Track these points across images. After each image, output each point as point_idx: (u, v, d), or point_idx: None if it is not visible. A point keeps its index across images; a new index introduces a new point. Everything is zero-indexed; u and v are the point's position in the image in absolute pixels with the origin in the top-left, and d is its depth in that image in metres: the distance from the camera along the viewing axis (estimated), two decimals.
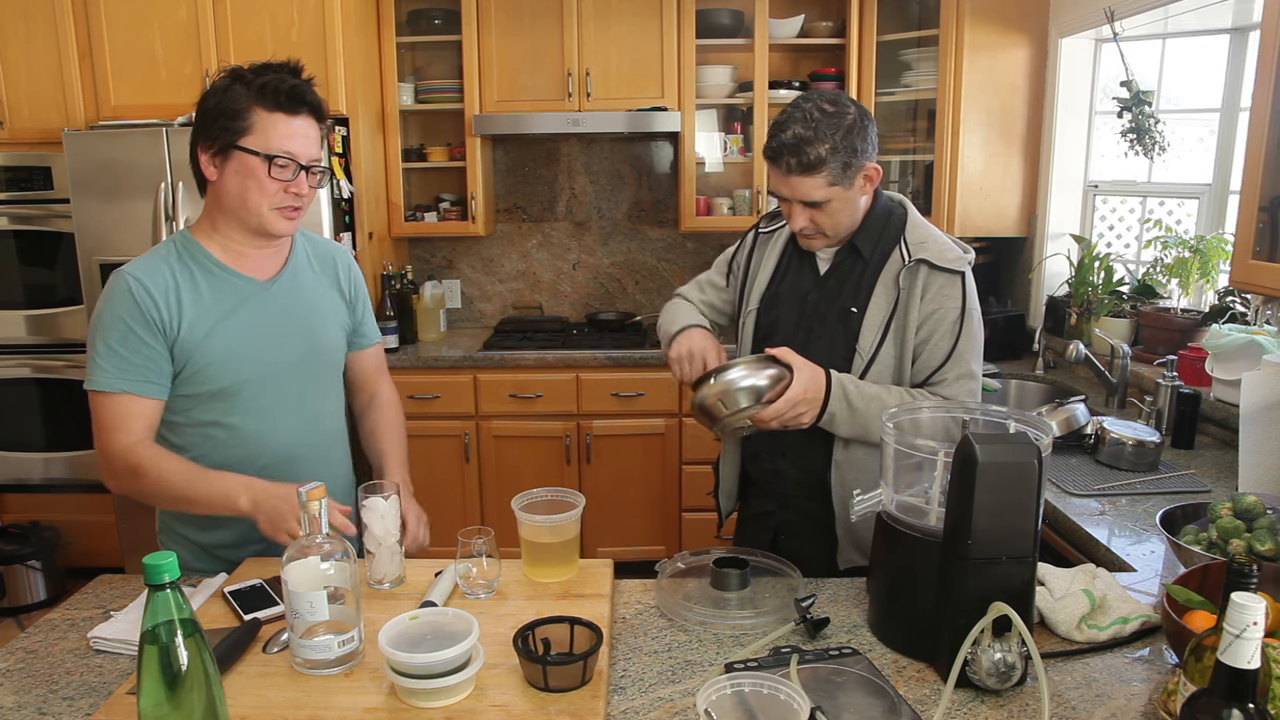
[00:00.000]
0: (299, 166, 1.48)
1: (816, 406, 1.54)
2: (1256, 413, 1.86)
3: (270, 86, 1.45)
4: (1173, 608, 1.20)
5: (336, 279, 1.71)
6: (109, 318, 1.46)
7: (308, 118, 1.49)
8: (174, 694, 0.92)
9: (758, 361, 1.54)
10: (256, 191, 1.47)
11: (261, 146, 1.45)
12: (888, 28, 3.53)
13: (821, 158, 1.50)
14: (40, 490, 3.56)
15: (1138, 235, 3.22)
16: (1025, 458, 1.15)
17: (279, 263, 1.61)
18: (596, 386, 3.44)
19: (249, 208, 1.49)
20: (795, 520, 1.75)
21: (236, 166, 1.46)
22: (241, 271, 1.55)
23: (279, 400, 1.58)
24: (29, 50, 3.24)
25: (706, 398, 1.54)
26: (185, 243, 1.54)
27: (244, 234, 1.54)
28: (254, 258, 1.57)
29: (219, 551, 1.60)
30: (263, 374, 1.56)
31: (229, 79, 1.47)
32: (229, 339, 1.52)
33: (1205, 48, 2.88)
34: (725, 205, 3.79)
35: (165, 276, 1.49)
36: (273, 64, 1.48)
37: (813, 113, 1.51)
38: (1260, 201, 1.89)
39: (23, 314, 3.42)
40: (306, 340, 1.62)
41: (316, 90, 1.51)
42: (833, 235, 1.62)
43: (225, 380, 1.52)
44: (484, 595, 1.41)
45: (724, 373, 1.53)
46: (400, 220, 3.68)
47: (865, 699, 1.15)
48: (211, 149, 1.47)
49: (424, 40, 3.67)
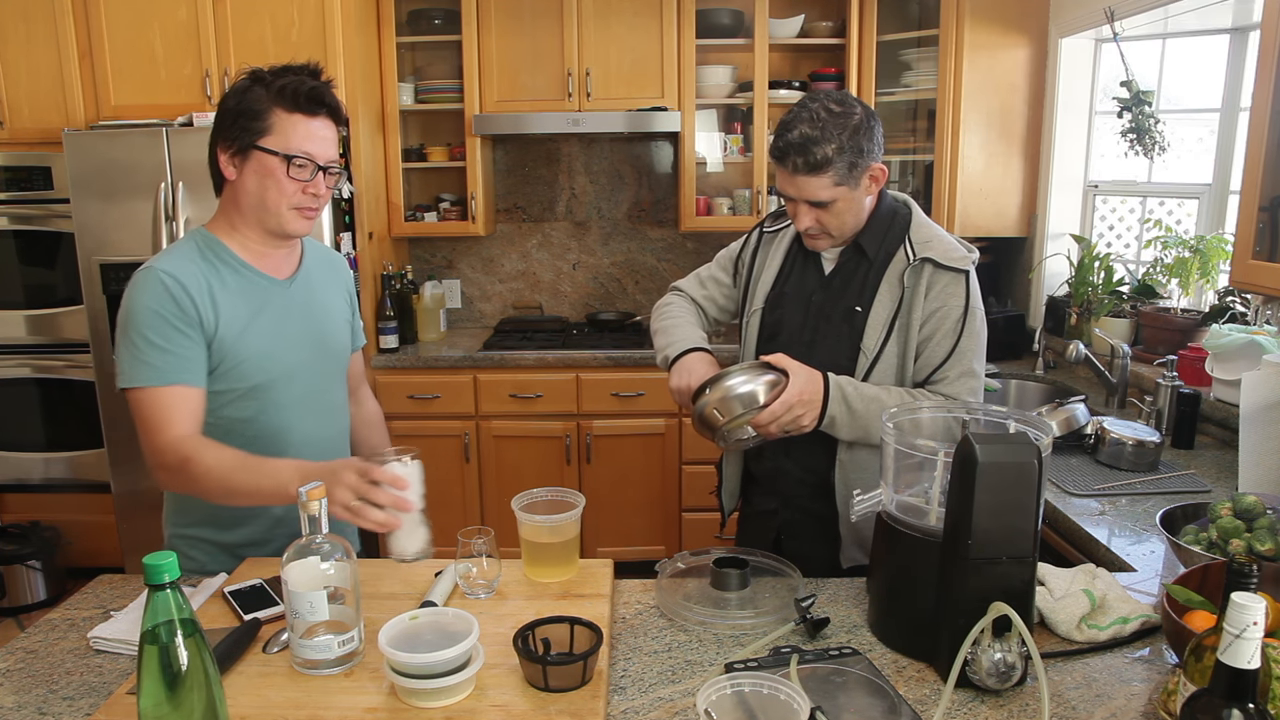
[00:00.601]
0: (316, 167, 1.50)
1: (815, 410, 1.53)
2: (1256, 413, 1.86)
3: (290, 88, 1.46)
4: (1173, 608, 1.20)
5: (340, 281, 1.76)
6: (143, 313, 1.44)
7: (326, 119, 1.51)
8: (174, 694, 0.92)
9: (753, 368, 1.55)
10: (275, 191, 1.49)
11: (281, 147, 1.47)
12: (888, 28, 3.53)
13: (828, 158, 1.50)
14: (40, 490, 3.56)
15: (1138, 235, 3.22)
16: (1025, 458, 1.15)
17: (294, 263, 1.64)
18: (596, 386, 3.45)
19: (268, 207, 1.50)
20: (798, 519, 1.75)
21: (255, 166, 1.48)
22: (262, 270, 1.58)
23: (300, 398, 1.61)
24: (29, 50, 3.24)
25: (704, 407, 1.54)
26: (208, 241, 1.55)
27: (261, 234, 1.56)
28: (272, 257, 1.59)
29: (243, 550, 1.60)
30: (287, 372, 1.58)
31: (249, 80, 1.49)
32: (260, 337, 1.54)
33: (1205, 48, 2.88)
34: (725, 205, 3.79)
35: (196, 273, 1.49)
36: (292, 66, 1.50)
37: (819, 113, 1.51)
38: (1260, 201, 1.89)
39: (23, 314, 3.42)
40: (321, 339, 1.66)
41: (335, 92, 1.53)
42: (838, 235, 1.62)
43: (257, 378, 1.54)
44: (484, 595, 1.41)
45: (720, 381, 1.53)
46: (400, 220, 3.69)
47: (865, 699, 1.15)
48: (231, 149, 1.49)
49: (424, 40, 3.67)
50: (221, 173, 1.52)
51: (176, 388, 1.45)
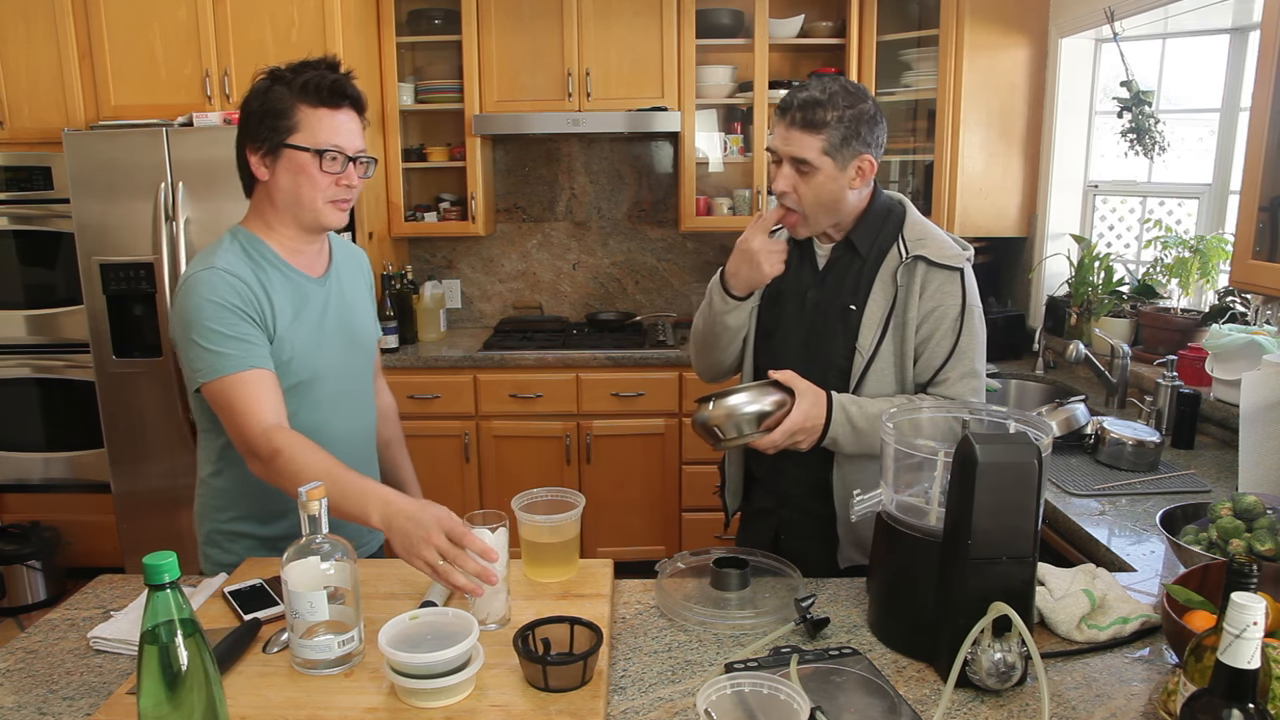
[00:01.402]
0: (346, 158, 1.52)
1: (815, 434, 1.54)
2: (1256, 413, 1.86)
3: (313, 83, 1.48)
4: (1173, 608, 1.20)
5: (363, 275, 1.79)
6: (208, 307, 1.44)
7: (350, 111, 1.53)
8: (174, 694, 0.92)
9: (761, 388, 1.54)
10: (309, 187, 1.50)
11: (310, 143, 1.48)
12: (888, 28, 3.53)
13: (824, 121, 1.52)
14: (40, 490, 3.56)
15: (1138, 235, 3.22)
16: (1025, 458, 1.15)
17: (325, 261, 1.66)
18: (596, 386, 3.45)
19: (303, 203, 1.52)
20: (796, 518, 1.75)
21: (287, 164, 1.49)
22: (299, 269, 1.59)
23: (335, 395, 1.63)
24: (29, 50, 3.24)
25: (709, 420, 1.53)
26: (250, 240, 1.56)
27: (297, 230, 1.57)
28: (306, 254, 1.61)
29: (284, 544, 1.58)
30: (325, 369, 1.60)
31: (268, 80, 1.50)
32: (304, 334, 1.56)
33: (1205, 48, 2.88)
34: (725, 205, 3.79)
35: (247, 271, 1.51)
36: (310, 61, 1.51)
37: (832, 85, 1.54)
38: (1260, 201, 1.89)
39: (23, 314, 3.42)
40: (353, 335, 1.68)
41: (355, 84, 1.54)
42: (810, 216, 1.60)
43: (303, 374, 1.56)
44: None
45: (726, 398, 1.53)
46: (400, 220, 3.69)
47: (865, 699, 1.15)
48: (261, 150, 1.50)
49: (424, 40, 3.67)
50: (253, 174, 1.53)
51: (256, 371, 1.45)
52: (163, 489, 3.24)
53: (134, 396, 3.26)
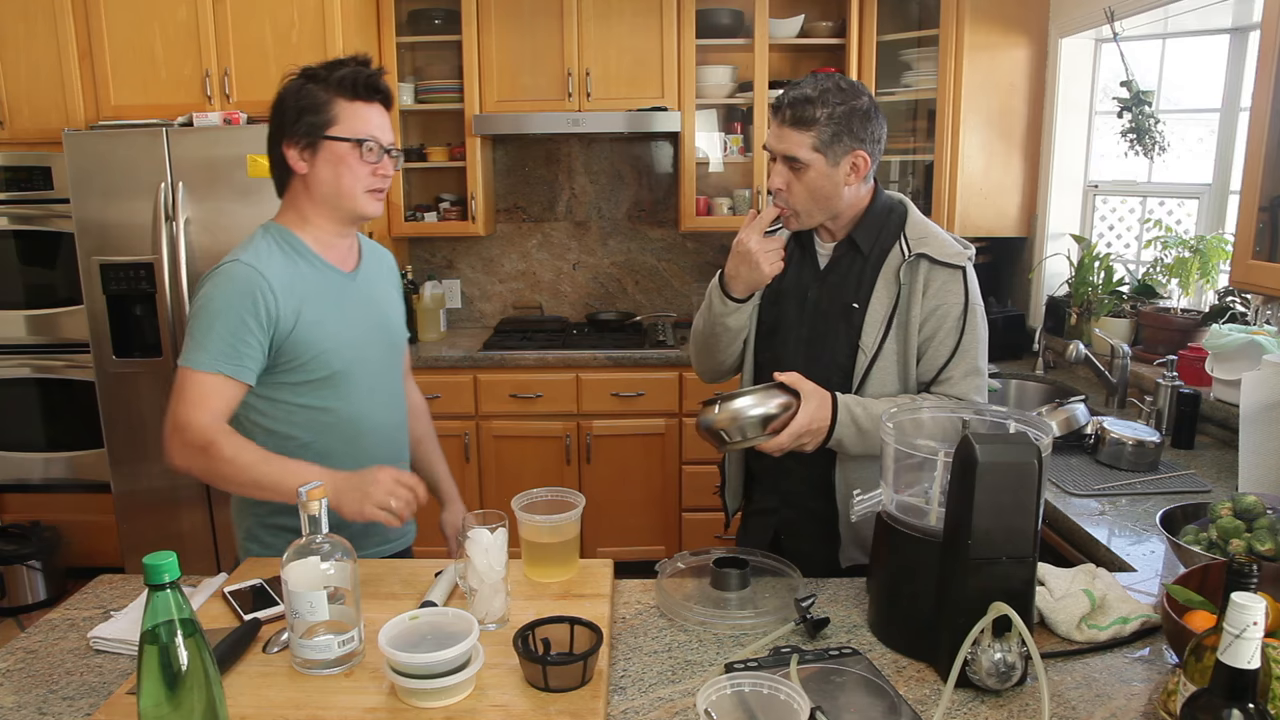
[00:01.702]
0: (382, 148, 1.57)
1: (820, 436, 1.54)
2: (1256, 413, 1.86)
3: (349, 78, 1.53)
4: (1173, 608, 1.20)
5: (391, 274, 1.82)
6: (222, 304, 1.48)
7: (381, 105, 1.59)
8: (174, 694, 0.92)
9: (765, 390, 1.53)
10: (349, 176, 1.55)
11: (349, 133, 1.53)
12: (888, 28, 3.53)
13: (815, 118, 1.53)
14: (40, 490, 3.56)
15: (1138, 235, 3.22)
16: (1025, 458, 1.15)
17: (355, 257, 1.69)
18: (596, 386, 3.44)
19: (343, 193, 1.56)
20: (797, 517, 1.75)
21: (327, 156, 1.54)
22: (331, 263, 1.62)
23: (371, 387, 1.65)
24: (29, 50, 3.24)
25: (714, 423, 1.52)
26: (283, 234, 1.59)
27: (334, 223, 1.61)
28: (339, 249, 1.64)
29: None
30: (360, 361, 1.63)
31: (301, 79, 1.55)
32: (336, 327, 1.59)
33: (1205, 48, 2.88)
34: (725, 205, 3.79)
35: (280, 268, 1.53)
36: (342, 59, 1.57)
37: (825, 83, 1.55)
38: (1260, 201, 1.89)
39: (23, 314, 3.42)
40: (384, 329, 1.72)
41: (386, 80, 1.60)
42: (803, 213, 1.61)
43: (335, 365, 1.58)
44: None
45: (731, 402, 1.52)
46: (400, 220, 3.69)
47: (865, 699, 1.15)
48: (300, 144, 1.54)
49: (424, 40, 3.67)
50: (290, 169, 1.56)
51: (223, 379, 1.48)
52: (163, 489, 3.23)
53: (134, 396, 3.26)
